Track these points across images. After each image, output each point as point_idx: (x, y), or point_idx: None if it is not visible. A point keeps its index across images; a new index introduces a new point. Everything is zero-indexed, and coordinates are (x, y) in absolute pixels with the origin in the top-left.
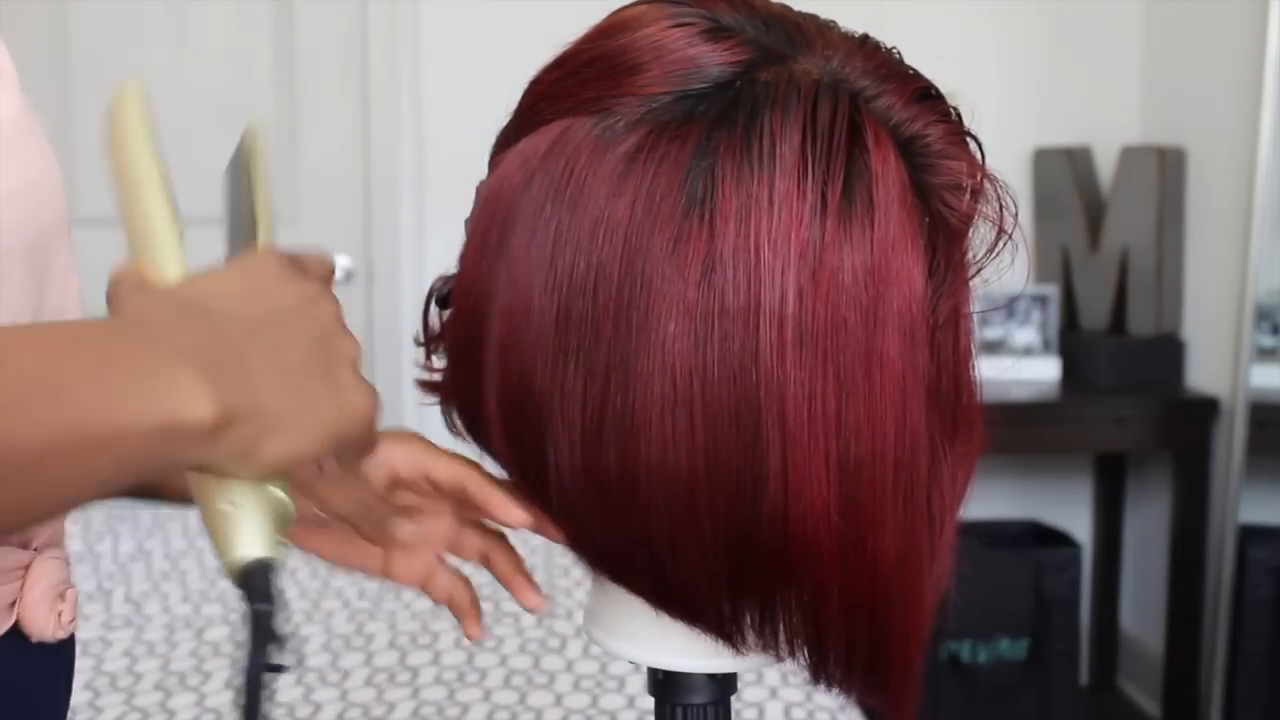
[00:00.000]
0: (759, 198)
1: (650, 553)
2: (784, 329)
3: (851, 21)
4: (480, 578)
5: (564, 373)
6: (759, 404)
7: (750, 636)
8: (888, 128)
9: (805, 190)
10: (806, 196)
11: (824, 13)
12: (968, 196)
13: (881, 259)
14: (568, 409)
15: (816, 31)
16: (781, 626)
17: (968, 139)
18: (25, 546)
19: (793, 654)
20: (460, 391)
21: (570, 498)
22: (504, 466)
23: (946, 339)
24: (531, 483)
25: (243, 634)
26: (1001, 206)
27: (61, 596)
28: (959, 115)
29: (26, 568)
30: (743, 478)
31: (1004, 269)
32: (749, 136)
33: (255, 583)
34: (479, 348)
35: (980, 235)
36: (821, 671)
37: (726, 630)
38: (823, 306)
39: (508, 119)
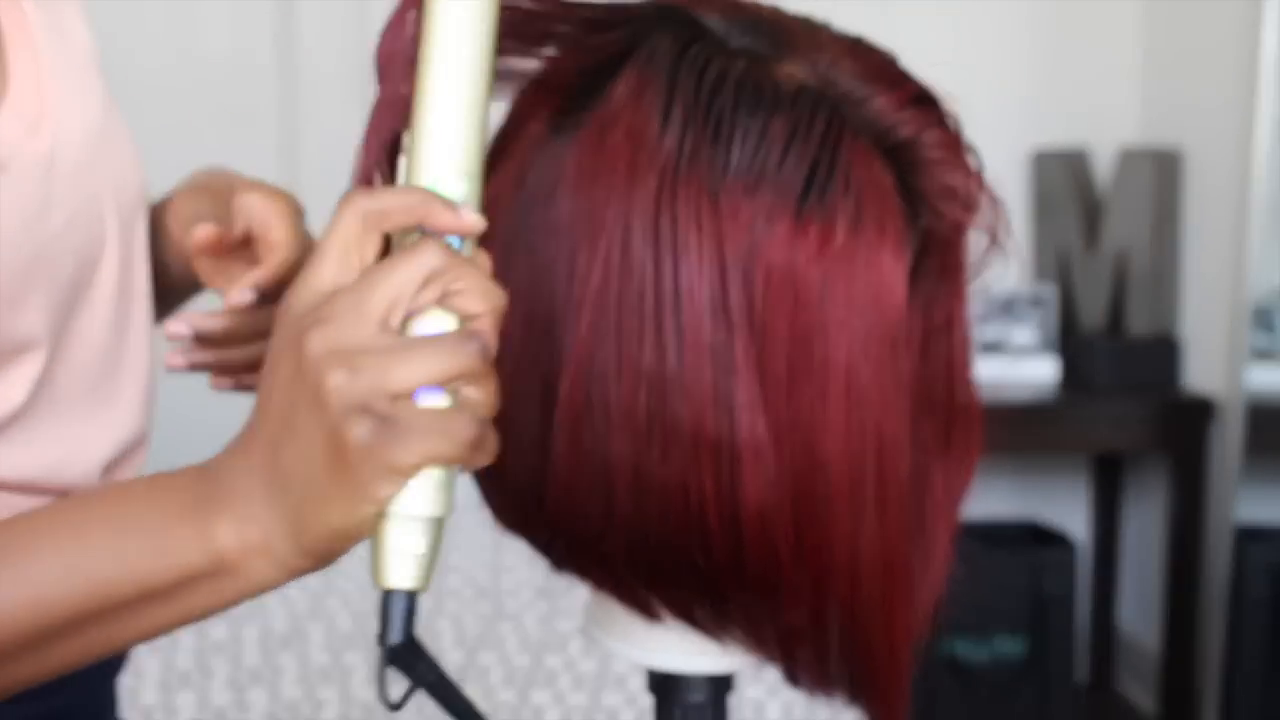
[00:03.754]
0: (727, 202)
1: (610, 550)
2: (733, 332)
3: (847, 22)
4: (480, 578)
5: (523, 379)
6: (705, 405)
7: (730, 636)
8: (875, 132)
9: (770, 194)
10: (774, 200)
11: (819, 13)
12: (960, 204)
13: (846, 266)
14: (525, 412)
15: (805, 34)
16: (750, 629)
17: (964, 145)
18: None
19: (769, 657)
20: None
21: (524, 499)
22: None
23: (939, 345)
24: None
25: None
26: (995, 216)
27: None
28: (956, 121)
29: None
30: (689, 478)
31: (998, 276)
32: (729, 139)
33: (390, 612)
34: None
35: (978, 241)
36: (795, 675)
37: (708, 631)
38: (778, 311)
39: (500, 126)
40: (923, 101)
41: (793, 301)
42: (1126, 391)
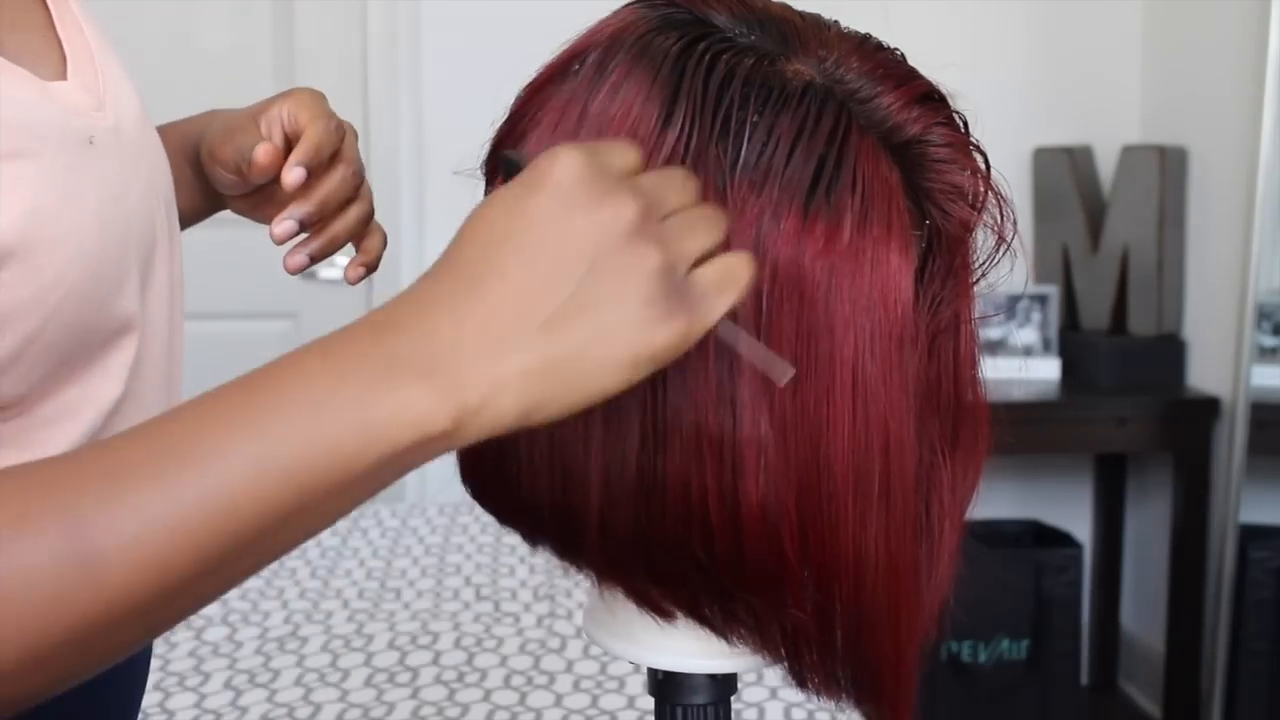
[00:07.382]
0: (737, 198)
1: (615, 552)
2: (739, 327)
3: (849, 20)
4: (479, 579)
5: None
6: (708, 402)
7: (737, 635)
8: (882, 130)
9: (777, 190)
10: (781, 197)
11: (825, 12)
12: (967, 203)
13: (852, 263)
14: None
15: (813, 32)
16: (756, 628)
17: (971, 144)
18: None
19: (775, 657)
20: None
21: (506, 487)
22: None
23: (946, 345)
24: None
25: None
26: (1002, 215)
27: None
28: (963, 120)
29: None
30: (691, 474)
31: (1004, 275)
32: (737, 136)
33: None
34: None
35: (984, 241)
36: (801, 676)
37: (715, 629)
38: (784, 307)
39: (500, 126)
40: (930, 99)
41: (798, 298)
42: (1129, 391)
